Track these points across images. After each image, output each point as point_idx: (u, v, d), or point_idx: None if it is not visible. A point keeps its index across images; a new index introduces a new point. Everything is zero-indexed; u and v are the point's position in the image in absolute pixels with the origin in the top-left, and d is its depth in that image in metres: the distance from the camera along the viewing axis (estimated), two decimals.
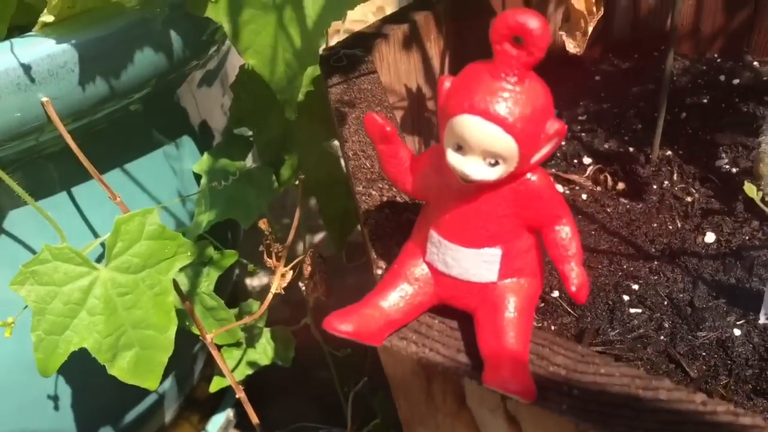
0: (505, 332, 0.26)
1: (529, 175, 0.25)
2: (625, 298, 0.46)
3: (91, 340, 0.38)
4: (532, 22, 0.21)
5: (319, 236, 0.92)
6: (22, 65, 0.36)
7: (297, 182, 0.49)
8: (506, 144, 0.22)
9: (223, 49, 0.57)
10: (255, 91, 0.52)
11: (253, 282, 0.93)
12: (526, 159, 0.23)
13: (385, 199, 0.35)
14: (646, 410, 0.25)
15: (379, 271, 0.31)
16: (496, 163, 0.23)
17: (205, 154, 0.55)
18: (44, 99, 0.37)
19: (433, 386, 0.29)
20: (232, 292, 0.70)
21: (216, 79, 0.61)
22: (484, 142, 0.22)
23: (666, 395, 0.25)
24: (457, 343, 0.28)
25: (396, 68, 0.49)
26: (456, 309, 0.28)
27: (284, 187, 0.54)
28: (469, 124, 0.22)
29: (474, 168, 0.23)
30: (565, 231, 0.26)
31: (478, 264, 0.26)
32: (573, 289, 0.26)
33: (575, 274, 0.26)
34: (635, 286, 0.47)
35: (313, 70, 0.49)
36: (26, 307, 0.38)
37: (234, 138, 0.56)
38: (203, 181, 0.54)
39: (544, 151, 0.24)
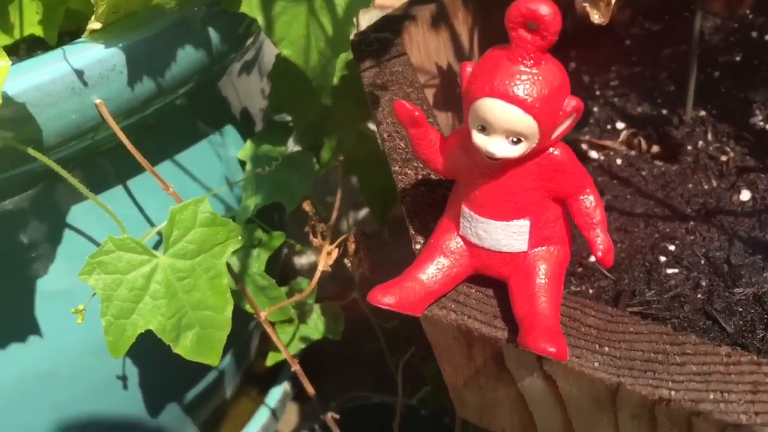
0: (537, 297, 0.27)
1: (551, 150, 0.26)
2: (662, 259, 0.47)
3: (155, 322, 0.41)
4: (543, 8, 0.22)
5: (363, 212, 0.95)
6: (75, 71, 0.38)
7: (337, 164, 0.51)
8: (527, 123, 0.24)
9: (260, 39, 0.59)
10: (292, 79, 0.54)
11: (301, 260, 0.96)
12: (547, 135, 0.25)
13: (420, 177, 0.36)
14: (674, 364, 0.27)
15: (418, 246, 0.33)
16: (519, 141, 0.25)
17: (248, 141, 0.57)
18: (97, 101, 0.40)
19: (474, 351, 0.31)
20: (282, 272, 0.73)
21: (254, 67, 0.63)
22: (506, 122, 0.24)
23: (692, 349, 0.27)
24: (494, 309, 0.30)
25: (426, 47, 0.51)
26: (490, 278, 0.30)
27: (325, 169, 0.56)
28: (491, 107, 0.24)
29: (498, 147, 0.25)
30: (589, 200, 0.27)
31: (508, 235, 0.28)
32: (599, 254, 0.27)
33: (600, 240, 0.27)
34: (672, 247, 0.48)
35: (346, 55, 0.51)
36: (94, 294, 0.41)
37: (274, 124, 0.58)
38: (248, 167, 0.56)
39: (564, 126, 0.25)
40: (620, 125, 0.59)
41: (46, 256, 0.49)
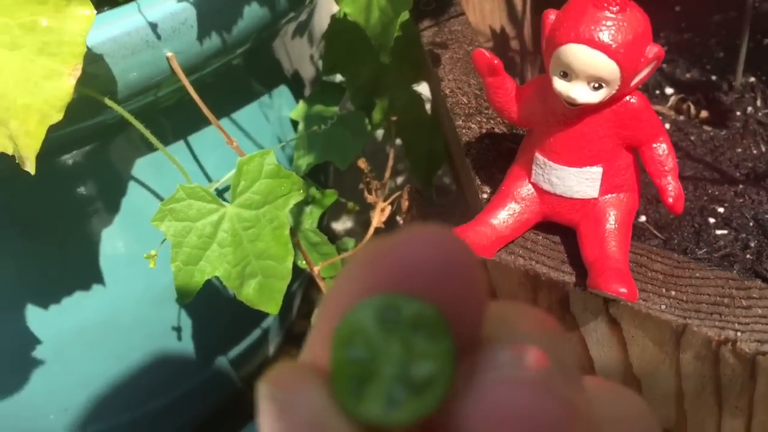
0: (607, 242, 0.29)
1: (628, 98, 0.27)
2: (711, 220, 0.48)
3: (221, 269, 0.42)
4: None
5: (400, 179, 0.96)
6: (150, 24, 0.40)
7: (389, 124, 0.53)
8: (610, 68, 0.25)
9: (315, 1, 0.60)
10: (346, 40, 0.55)
11: (338, 226, 0.98)
12: (627, 82, 0.26)
13: (484, 131, 0.37)
14: (740, 307, 0.28)
15: (485, 196, 0.34)
16: (600, 87, 0.26)
17: (301, 102, 0.58)
18: (169, 54, 0.41)
19: (539, 295, 0.32)
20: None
21: (305, 32, 0.64)
22: (590, 67, 0.25)
23: (758, 293, 0.28)
24: (561, 255, 0.31)
25: (481, 9, 0.51)
26: (558, 225, 0.31)
27: (376, 129, 0.57)
28: (576, 52, 0.25)
29: (579, 92, 0.26)
30: (662, 148, 0.28)
31: (581, 182, 0.29)
32: (670, 200, 0.28)
33: (672, 187, 0.28)
34: (720, 209, 0.48)
35: (402, 17, 0.51)
36: (163, 241, 0.42)
37: (327, 85, 0.59)
38: (300, 126, 0.58)
39: (644, 74, 0.26)
40: (669, 91, 0.60)
41: (109, 208, 0.51)
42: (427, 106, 0.63)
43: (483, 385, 0.10)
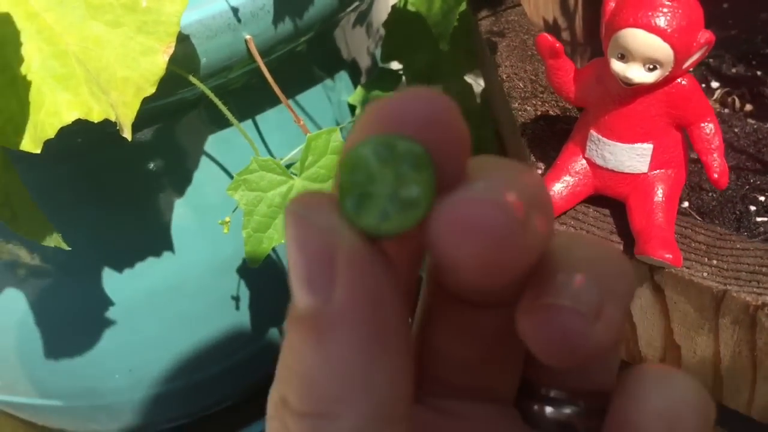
0: (654, 213, 0.31)
1: (680, 80, 0.30)
2: (752, 208, 0.50)
3: None
4: None
5: None
6: (232, 8, 0.43)
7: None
8: (664, 51, 0.28)
9: None
10: (405, 28, 0.58)
11: None
12: (680, 64, 0.28)
13: (539, 113, 0.40)
14: None
15: (539, 171, 0.37)
16: (654, 68, 0.28)
17: (359, 87, 0.62)
18: (248, 37, 0.44)
19: None
20: None
21: (364, 22, 0.67)
22: (646, 50, 0.28)
23: None
24: (610, 226, 0.34)
25: (535, 1, 0.54)
26: (607, 199, 0.34)
27: None
28: (634, 36, 0.28)
29: (635, 72, 0.28)
30: (709, 127, 0.31)
31: (632, 157, 0.32)
32: (715, 176, 0.31)
33: (717, 164, 0.31)
34: (762, 198, 0.50)
35: (460, 6, 0.54)
36: (235, 209, 0.46)
37: (384, 72, 0.62)
38: (358, 111, 0.61)
39: (695, 57, 0.29)
40: (714, 84, 0.62)
41: (180, 181, 0.55)
42: (477, 99, 0.66)
43: (448, 201, 0.13)
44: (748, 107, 0.58)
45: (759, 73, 0.61)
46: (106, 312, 0.57)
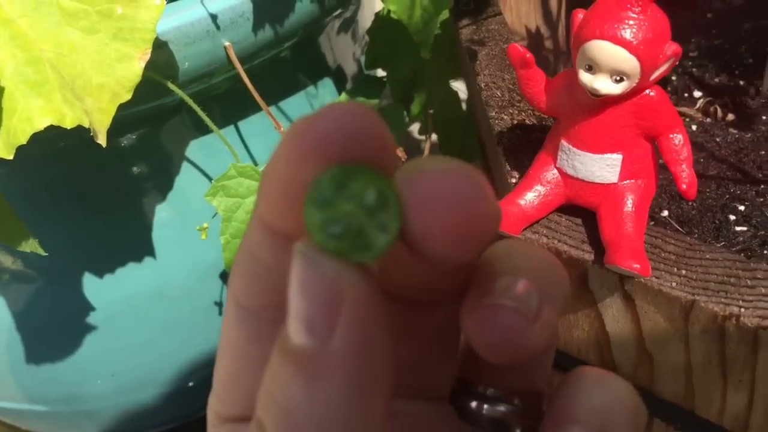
0: (624, 223, 0.31)
1: (648, 91, 0.30)
2: (732, 217, 0.50)
3: None
4: None
5: None
6: (211, 15, 0.43)
7: (426, 117, 0.55)
8: (631, 63, 0.28)
9: (362, 2, 0.63)
10: (389, 36, 0.58)
11: None
12: (647, 76, 0.29)
13: (515, 122, 0.40)
14: (745, 286, 0.30)
15: (513, 180, 0.37)
16: (621, 80, 0.28)
17: (343, 94, 0.62)
18: (227, 44, 0.45)
19: None
20: None
21: (349, 30, 0.68)
22: (612, 62, 0.28)
23: (763, 274, 0.30)
24: (581, 236, 0.34)
25: (517, 10, 0.54)
26: (580, 208, 0.34)
27: (414, 122, 0.60)
28: (600, 47, 0.28)
29: (602, 84, 0.29)
30: (678, 138, 0.31)
31: (602, 167, 0.32)
32: (684, 186, 0.31)
33: (685, 174, 0.31)
34: (741, 207, 0.51)
35: (443, 15, 0.54)
36: (214, 215, 0.46)
37: (368, 78, 0.62)
38: None
39: (662, 69, 0.29)
40: (697, 94, 0.62)
41: (162, 186, 0.55)
42: (463, 106, 0.66)
43: (423, 174, 0.13)
44: (730, 117, 0.59)
45: (742, 82, 0.61)
46: (87, 317, 0.57)
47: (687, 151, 0.31)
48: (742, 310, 0.29)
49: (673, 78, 0.64)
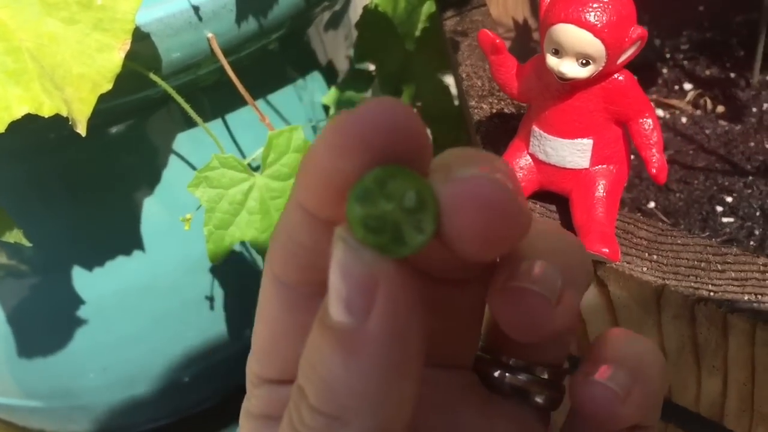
0: (595, 208, 0.31)
1: (616, 75, 0.30)
2: (719, 209, 0.50)
3: (249, 234, 0.46)
4: None
5: None
6: (193, 6, 0.43)
7: (415, 110, 0.56)
8: (596, 46, 0.28)
9: None
10: (377, 29, 0.58)
11: None
12: (613, 60, 0.29)
13: (494, 111, 0.40)
14: (715, 270, 0.30)
15: None
16: (587, 63, 0.28)
17: (332, 88, 0.62)
18: (210, 35, 0.45)
19: None
20: None
21: (339, 24, 0.68)
22: (577, 45, 0.28)
23: (733, 259, 0.30)
24: (555, 222, 0.34)
25: (504, 2, 0.54)
26: (554, 195, 0.34)
27: None
28: (565, 31, 0.28)
29: (568, 67, 0.29)
30: (647, 123, 0.31)
31: (573, 152, 0.32)
32: (653, 171, 0.31)
33: (655, 159, 0.31)
34: (729, 199, 0.50)
35: (428, 8, 0.55)
36: (198, 207, 0.46)
37: (357, 72, 0.62)
38: (331, 111, 0.61)
39: (629, 53, 0.29)
40: (687, 86, 0.62)
41: (150, 179, 0.55)
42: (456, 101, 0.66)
43: (460, 180, 0.14)
44: (720, 109, 0.58)
45: (732, 75, 0.61)
46: (77, 311, 0.58)
47: (657, 136, 0.31)
48: (711, 294, 0.29)
49: (664, 71, 0.64)
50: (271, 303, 0.18)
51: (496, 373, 0.20)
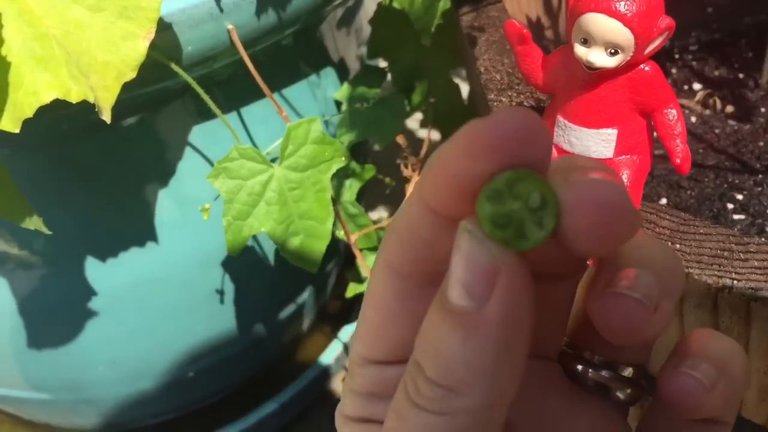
0: None
1: (642, 66, 0.30)
2: (730, 206, 0.50)
3: (268, 225, 0.46)
4: None
5: None
6: None
7: (427, 106, 0.56)
8: (625, 36, 0.28)
9: None
10: (390, 26, 0.59)
11: (373, 216, 1.01)
12: (641, 49, 0.29)
13: (513, 104, 0.41)
14: (738, 259, 0.31)
15: None
16: (616, 53, 0.29)
17: (345, 84, 0.62)
18: (230, 26, 0.45)
19: None
20: None
21: (352, 20, 0.68)
22: (607, 34, 0.28)
23: (755, 248, 0.31)
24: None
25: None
26: None
27: (415, 111, 0.61)
28: (595, 20, 0.28)
29: (597, 57, 0.29)
30: (672, 114, 0.31)
31: (597, 142, 0.32)
32: (678, 161, 0.31)
33: (680, 149, 0.31)
34: (739, 196, 0.51)
35: (444, 4, 0.55)
36: (216, 198, 0.46)
37: (370, 68, 0.63)
38: (344, 107, 0.61)
39: (656, 43, 0.29)
40: (697, 86, 0.62)
41: (165, 171, 0.55)
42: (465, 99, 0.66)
43: (580, 184, 0.16)
44: (729, 109, 0.59)
45: (741, 75, 0.62)
46: (89, 302, 0.58)
47: (681, 126, 0.31)
48: (735, 282, 0.30)
49: (674, 71, 0.64)
50: (383, 290, 0.19)
51: (580, 368, 0.21)
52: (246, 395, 0.75)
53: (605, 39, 0.28)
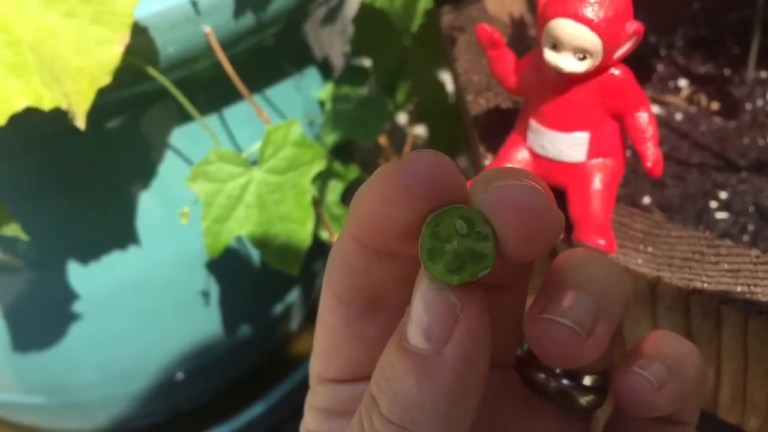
0: (591, 201, 0.32)
1: (613, 70, 0.30)
2: (713, 204, 0.50)
3: (247, 228, 0.46)
4: None
5: None
6: (191, 0, 0.44)
7: (411, 106, 0.56)
8: (593, 41, 0.28)
9: None
10: (374, 25, 0.58)
11: None
12: (610, 54, 0.29)
13: (491, 106, 0.41)
14: (708, 262, 0.31)
15: (486, 162, 0.37)
16: (584, 58, 0.29)
17: (329, 83, 0.62)
18: (207, 29, 0.45)
19: None
20: None
21: (336, 19, 0.68)
22: (575, 40, 0.28)
23: (726, 251, 0.31)
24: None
25: None
26: (551, 187, 0.34)
27: (399, 110, 0.61)
28: (563, 26, 0.28)
29: (566, 62, 0.29)
30: (643, 117, 0.31)
31: (570, 146, 0.32)
32: (649, 164, 0.31)
33: (651, 153, 0.31)
34: (723, 194, 0.51)
35: (425, 3, 0.55)
36: (196, 202, 0.46)
37: (353, 68, 0.63)
38: (327, 107, 0.61)
39: (625, 47, 0.29)
40: (682, 83, 0.62)
41: (146, 174, 0.55)
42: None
43: (502, 187, 0.16)
44: (715, 105, 0.59)
45: (727, 72, 0.62)
46: (72, 305, 0.58)
47: (652, 130, 0.31)
48: (705, 285, 0.30)
49: (659, 67, 0.64)
50: (330, 315, 0.20)
51: (540, 377, 0.21)
52: (235, 396, 0.75)
53: (573, 44, 0.28)
